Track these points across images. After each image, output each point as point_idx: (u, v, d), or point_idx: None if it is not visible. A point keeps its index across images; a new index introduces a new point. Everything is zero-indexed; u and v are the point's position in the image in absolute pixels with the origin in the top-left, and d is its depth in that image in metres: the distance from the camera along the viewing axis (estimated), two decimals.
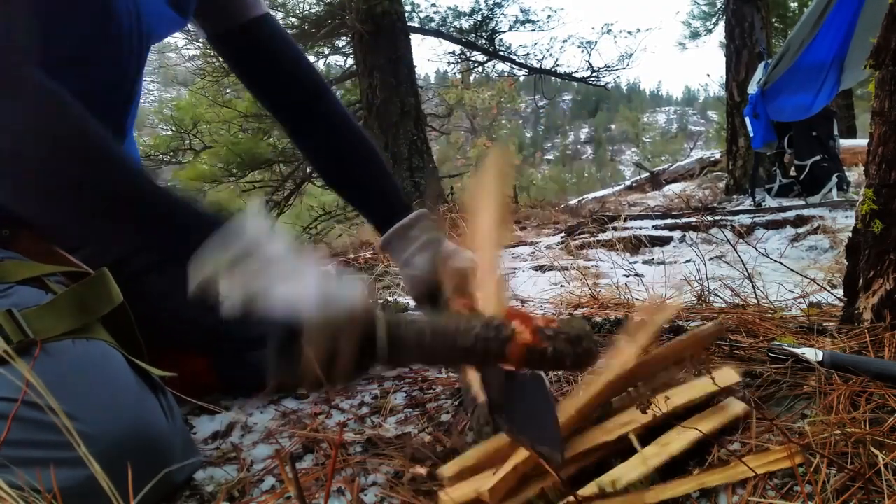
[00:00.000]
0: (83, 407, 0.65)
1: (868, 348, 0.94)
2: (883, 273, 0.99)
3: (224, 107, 7.16)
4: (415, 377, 1.11)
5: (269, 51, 1.11)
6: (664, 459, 0.67)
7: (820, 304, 1.40)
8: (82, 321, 0.75)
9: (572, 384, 0.93)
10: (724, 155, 8.09)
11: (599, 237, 3.62)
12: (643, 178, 10.56)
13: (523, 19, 9.29)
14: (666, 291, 1.70)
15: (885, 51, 0.97)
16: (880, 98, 0.99)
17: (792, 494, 0.62)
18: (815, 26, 4.35)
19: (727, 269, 2.17)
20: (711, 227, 3.72)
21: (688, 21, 13.92)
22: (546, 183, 21.75)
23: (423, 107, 6.29)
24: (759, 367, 0.93)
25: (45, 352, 0.70)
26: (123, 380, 0.72)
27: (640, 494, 0.61)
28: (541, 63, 9.23)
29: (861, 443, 0.67)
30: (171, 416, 0.75)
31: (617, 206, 7.09)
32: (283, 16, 7.46)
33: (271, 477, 0.77)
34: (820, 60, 4.45)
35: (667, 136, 47.01)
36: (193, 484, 0.76)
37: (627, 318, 1.24)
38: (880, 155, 0.99)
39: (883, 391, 0.79)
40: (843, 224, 3.42)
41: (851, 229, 1.07)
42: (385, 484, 0.73)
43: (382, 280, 3.01)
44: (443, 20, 9.06)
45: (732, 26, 6.82)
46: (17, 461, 0.61)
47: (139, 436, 0.67)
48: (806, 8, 5.79)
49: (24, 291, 0.78)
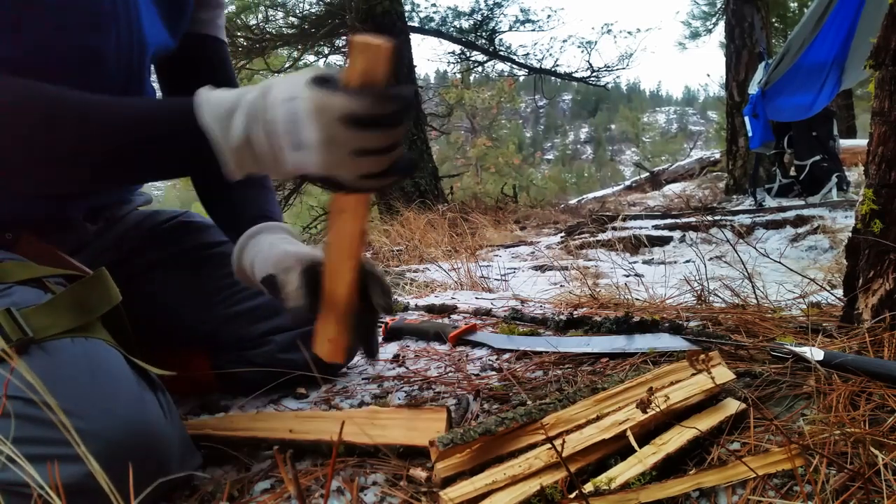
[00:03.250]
0: (82, 404, 0.65)
1: (868, 348, 0.94)
2: (883, 273, 0.99)
3: None
4: (415, 377, 1.11)
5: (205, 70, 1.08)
6: (661, 458, 0.67)
7: (820, 304, 1.40)
8: (81, 320, 0.75)
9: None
10: (724, 155, 8.10)
11: (599, 237, 3.63)
12: (643, 178, 10.57)
13: (523, 19, 9.30)
14: (666, 291, 1.70)
15: (885, 51, 0.97)
16: (880, 98, 0.99)
17: (792, 494, 0.62)
18: (815, 27, 4.35)
19: (727, 269, 2.17)
20: (711, 227, 3.72)
21: (688, 21, 13.94)
22: (546, 183, 21.74)
23: (423, 107, 6.29)
24: (759, 366, 0.93)
25: (43, 350, 0.70)
26: (122, 378, 0.72)
27: (637, 493, 0.61)
28: (541, 63, 9.25)
29: (861, 443, 0.67)
30: (169, 415, 0.75)
31: (617, 206, 7.09)
32: (283, 16, 7.47)
33: (271, 477, 0.77)
34: (820, 61, 4.45)
35: (667, 136, 47.02)
36: (193, 484, 0.76)
37: (628, 316, 1.24)
38: (880, 155, 0.99)
39: (882, 391, 0.79)
40: (843, 224, 3.42)
41: (851, 229, 1.07)
42: (385, 484, 0.73)
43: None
44: (443, 20, 9.07)
45: (732, 26, 6.83)
46: (16, 458, 0.61)
47: (138, 433, 0.67)
48: (806, 8, 5.79)
49: (24, 291, 0.78)
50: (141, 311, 0.90)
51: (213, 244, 1.11)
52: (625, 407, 0.76)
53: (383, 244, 4.13)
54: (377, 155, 0.67)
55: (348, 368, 1.18)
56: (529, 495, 0.63)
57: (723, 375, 0.81)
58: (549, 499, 0.63)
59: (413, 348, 1.30)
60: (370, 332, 0.87)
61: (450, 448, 0.68)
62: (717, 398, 0.80)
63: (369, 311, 0.81)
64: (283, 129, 0.66)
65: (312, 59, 8.42)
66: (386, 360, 1.22)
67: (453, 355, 1.22)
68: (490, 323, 1.45)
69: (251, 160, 0.70)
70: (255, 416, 0.89)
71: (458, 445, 0.69)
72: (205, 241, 1.12)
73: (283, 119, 0.66)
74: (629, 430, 0.71)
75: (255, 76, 8.11)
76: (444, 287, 2.45)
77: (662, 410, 0.73)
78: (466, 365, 1.15)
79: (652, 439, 0.71)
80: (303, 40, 7.26)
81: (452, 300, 1.77)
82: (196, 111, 0.70)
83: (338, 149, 0.65)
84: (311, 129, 0.65)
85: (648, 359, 1.05)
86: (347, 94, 0.64)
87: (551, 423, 0.73)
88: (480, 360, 1.18)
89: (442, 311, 1.61)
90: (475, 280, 2.44)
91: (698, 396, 0.78)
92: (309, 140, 0.65)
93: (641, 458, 0.68)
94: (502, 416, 0.73)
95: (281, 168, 0.70)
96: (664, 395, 0.77)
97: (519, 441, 0.71)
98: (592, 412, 0.75)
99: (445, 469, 0.68)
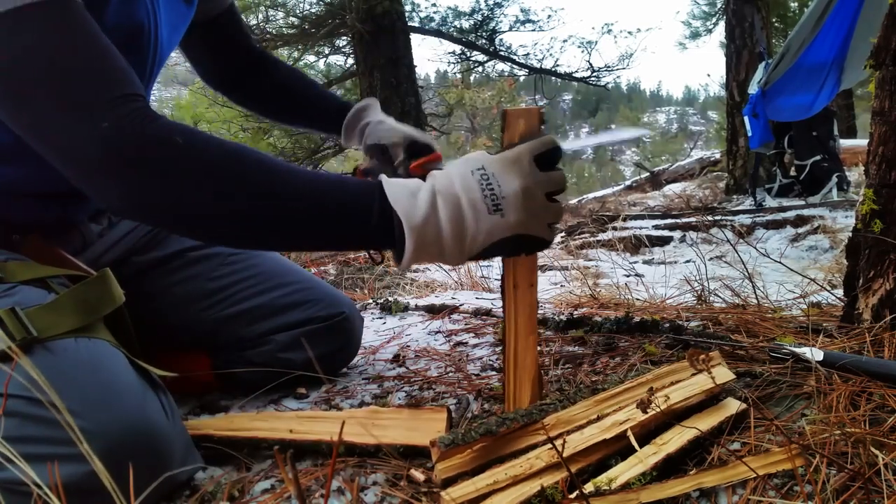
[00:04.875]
0: (84, 403, 0.65)
1: (868, 348, 0.94)
2: (883, 273, 1.00)
3: (224, 106, 7.16)
4: (415, 377, 1.11)
5: (235, 39, 1.23)
6: (661, 458, 0.67)
7: (820, 304, 1.40)
8: (85, 320, 0.75)
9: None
10: (724, 155, 8.10)
11: (599, 237, 3.63)
12: (643, 178, 10.56)
13: (523, 19, 9.29)
14: (666, 291, 1.70)
15: (885, 51, 0.97)
16: (880, 98, 0.99)
17: (792, 494, 0.62)
18: (815, 27, 4.35)
19: (727, 269, 2.17)
20: (711, 227, 3.72)
21: (688, 21, 13.93)
22: None
23: (423, 107, 6.29)
24: (760, 366, 0.94)
25: (47, 349, 0.70)
26: (125, 378, 0.72)
27: (637, 493, 0.62)
28: (541, 63, 9.24)
29: (861, 443, 0.67)
30: (171, 415, 0.75)
31: (617, 206, 7.09)
32: (283, 16, 7.46)
33: (272, 477, 0.77)
34: (820, 61, 4.45)
35: (667, 136, 46.99)
36: (193, 484, 0.76)
37: (629, 317, 1.24)
38: (880, 155, 0.99)
39: (883, 391, 0.79)
40: (843, 224, 3.42)
41: (851, 229, 1.07)
42: (385, 484, 0.73)
43: (382, 280, 3.02)
44: (443, 20, 9.07)
45: (732, 26, 6.83)
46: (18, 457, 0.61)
47: (140, 433, 0.68)
48: (806, 8, 5.79)
49: (28, 291, 0.78)
50: (141, 311, 0.91)
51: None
52: (625, 407, 0.76)
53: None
54: (560, 196, 0.74)
55: (348, 368, 1.18)
56: (530, 495, 0.63)
57: (723, 375, 0.81)
58: (549, 499, 0.63)
59: (413, 348, 1.30)
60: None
61: (451, 448, 0.68)
62: (717, 398, 0.80)
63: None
64: (479, 195, 0.70)
65: (313, 58, 8.41)
66: (386, 360, 1.22)
67: (453, 355, 1.23)
68: (490, 323, 1.46)
69: (432, 239, 0.70)
70: (255, 416, 0.89)
71: (459, 446, 0.69)
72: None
73: (479, 185, 0.71)
74: (630, 430, 0.71)
75: None
76: (444, 287, 2.45)
77: (663, 410, 0.73)
78: (466, 365, 1.15)
79: (652, 439, 0.72)
80: (303, 40, 7.25)
81: (453, 300, 1.77)
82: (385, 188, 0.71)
83: (535, 194, 0.71)
84: (512, 178, 0.71)
85: (649, 359, 1.05)
86: (530, 141, 0.73)
87: (552, 423, 0.73)
88: (480, 360, 1.18)
89: (441, 311, 1.61)
90: (475, 280, 2.44)
91: (699, 396, 0.78)
92: (510, 190, 0.70)
93: (642, 458, 0.68)
94: (503, 416, 0.73)
95: (464, 244, 0.71)
96: (664, 395, 0.77)
97: (520, 441, 0.71)
98: (593, 412, 0.75)
99: (446, 469, 0.68)
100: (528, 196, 0.71)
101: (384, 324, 1.57)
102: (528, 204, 0.71)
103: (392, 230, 0.70)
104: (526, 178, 0.71)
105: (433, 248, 0.71)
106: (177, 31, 1.01)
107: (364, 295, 2.31)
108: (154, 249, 1.09)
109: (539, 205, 0.72)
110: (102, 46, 0.70)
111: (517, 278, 0.79)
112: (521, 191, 0.70)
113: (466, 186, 0.70)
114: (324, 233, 0.73)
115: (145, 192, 0.68)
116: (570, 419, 0.74)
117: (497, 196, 0.70)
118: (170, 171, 0.67)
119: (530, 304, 0.80)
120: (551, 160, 0.73)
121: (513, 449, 0.71)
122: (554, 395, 0.88)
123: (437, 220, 0.70)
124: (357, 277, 3.05)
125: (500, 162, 0.72)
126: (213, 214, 0.69)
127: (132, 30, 0.83)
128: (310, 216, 0.71)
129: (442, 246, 0.71)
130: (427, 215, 0.69)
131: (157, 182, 0.67)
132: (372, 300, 1.85)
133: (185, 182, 0.68)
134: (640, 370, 0.86)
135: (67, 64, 0.67)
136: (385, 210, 0.70)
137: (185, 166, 0.68)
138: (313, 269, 3.44)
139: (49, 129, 0.67)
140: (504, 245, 0.73)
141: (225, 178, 0.69)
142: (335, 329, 1.10)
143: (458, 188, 0.71)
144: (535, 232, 0.73)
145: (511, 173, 0.71)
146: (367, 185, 0.72)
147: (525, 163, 0.71)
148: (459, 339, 1.35)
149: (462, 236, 0.70)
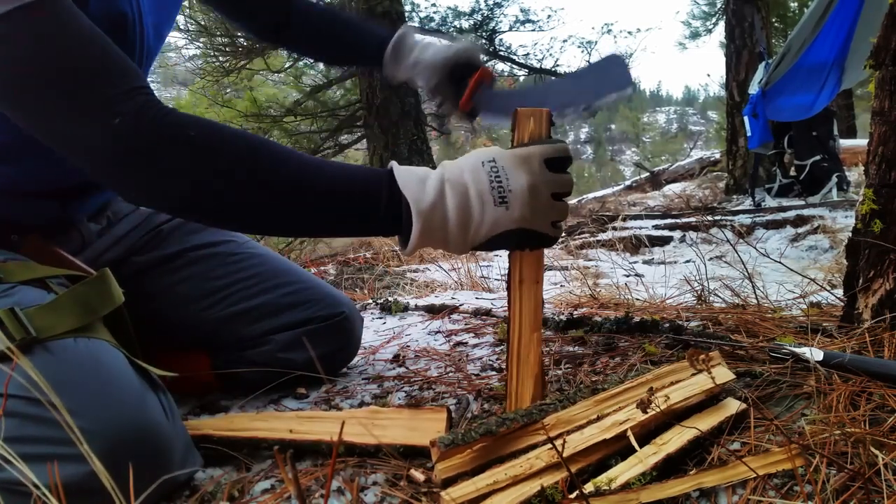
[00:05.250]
0: (84, 403, 0.65)
1: (868, 348, 0.94)
2: (883, 273, 1.00)
3: (224, 106, 7.17)
4: (415, 377, 1.11)
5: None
6: (661, 458, 0.67)
7: (820, 304, 1.40)
8: (84, 320, 0.75)
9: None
10: (724, 155, 8.10)
11: (599, 237, 3.63)
12: (643, 178, 10.56)
13: (523, 19, 9.29)
14: (666, 291, 1.70)
15: (885, 51, 0.97)
16: (880, 98, 0.99)
17: (792, 494, 0.62)
18: (816, 27, 4.35)
19: (727, 269, 2.17)
20: (711, 227, 3.72)
21: (688, 21, 13.94)
22: None
23: (423, 107, 6.29)
24: (759, 366, 0.94)
25: (46, 349, 0.70)
26: (125, 378, 0.72)
27: (637, 493, 0.62)
28: (541, 63, 9.24)
29: (861, 443, 0.67)
30: (171, 415, 0.75)
31: (617, 205, 7.09)
32: None
33: (271, 477, 0.77)
34: (821, 61, 4.45)
35: (667, 136, 47.00)
36: (193, 484, 0.76)
37: (628, 317, 1.24)
38: (880, 155, 0.99)
39: (883, 391, 0.79)
40: (843, 224, 3.43)
41: (851, 229, 1.07)
42: (385, 484, 0.73)
43: (382, 280, 3.02)
44: (443, 20, 9.07)
45: (732, 26, 6.83)
46: (18, 457, 0.61)
47: (140, 433, 0.68)
48: (806, 8, 5.79)
49: (27, 291, 0.78)
50: (141, 311, 0.90)
51: (213, 244, 1.11)
52: (625, 407, 0.76)
53: (384, 244, 4.12)
54: (565, 198, 0.76)
55: (348, 368, 1.18)
56: (530, 495, 0.63)
57: (723, 375, 0.81)
58: (549, 499, 0.63)
59: (413, 348, 1.30)
60: None
61: (451, 448, 0.68)
62: (717, 398, 0.80)
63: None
64: (487, 186, 0.73)
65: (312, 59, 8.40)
66: (386, 360, 1.22)
67: (453, 355, 1.23)
68: (490, 323, 1.46)
69: (438, 224, 0.73)
70: (255, 416, 0.89)
71: (459, 446, 0.69)
72: (205, 240, 1.12)
73: (488, 176, 0.73)
74: (630, 430, 0.71)
75: (254, 76, 8.10)
76: (444, 287, 2.45)
77: (663, 410, 0.73)
78: (466, 365, 1.15)
79: (652, 439, 0.72)
80: None
81: (452, 300, 1.77)
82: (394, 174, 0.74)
83: (541, 192, 0.74)
84: (521, 174, 0.73)
85: (649, 359, 1.05)
86: (543, 143, 0.76)
87: (552, 423, 0.73)
88: (480, 360, 1.18)
89: (441, 311, 1.61)
90: (475, 280, 2.44)
91: (698, 396, 0.78)
92: (517, 185, 0.73)
93: (642, 458, 0.68)
94: (503, 416, 0.73)
95: (468, 233, 0.74)
96: (664, 395, 0.77)
97: (520, 441, 0.71)
98: (593, 412, 0.75)
99: (446, 469, 0.68)
100: (534, 193, 0.73)
101: (384, 324, 1.57)
102: (534, 200, 0.73)
103: (400, 215, 0.73)
104: (535, 175, 0.74)
105: (438, 234, 0.74)
106: (165, 21, 1.00)
107: (364, 295, 2.31)
108: (154, 249, 1.09)
109: (544, 202, 0.74)
110: (101, 41, 0.70)
111: (523, 274, 0.81)
112: (529, 187, 0.73)
113: (476, 177, 0.73)
114: (336, 218, 0.76)
115: (161, 184, 0.71)
116: (570, 419, 0.74)
117: (504, 189, 0.73)
118: (184, 163, 0.70)
119: (535, 300, 0.81)
120: (561, 165, 0.76)
121: (513, 449, 0.71)
122: (554, 394, 0.88)
123: (445, 207, 0.72)
124: (357, 277, 3.05)
125: (511, 157, 0.74)
126: (226, 203, 0.72)
127: (116, 19, 0.82)
128: (322, 202, 0.74)
129: (447, 232, 0.73)
130: (434, 201, 0.72)
131: (171, 174, 0.70)
132: (372, 300, 1.85)
133: (199, 173, 0.70)
134: (640, 370, 0.86)
135: (70, 64, 0.67)
136: (394, 195, 0.73)
137: (199, 158, 0.70)
138: (313, 269, 3.44)
139: (62, 129, 0.69)
140: (507, 238, 0.75)
141: (238, 168, 0.71)
142: (335, 329, 1.10)
143: (467, 178, 0.73)
144: (539, 228, 0.75)
145: (521, 169, 0.73)
146: (377, 172, 0.75)
147: (535, 162, 0.74)
148: (459, 339, 1.35)
149: (467, 225, 0.73)
